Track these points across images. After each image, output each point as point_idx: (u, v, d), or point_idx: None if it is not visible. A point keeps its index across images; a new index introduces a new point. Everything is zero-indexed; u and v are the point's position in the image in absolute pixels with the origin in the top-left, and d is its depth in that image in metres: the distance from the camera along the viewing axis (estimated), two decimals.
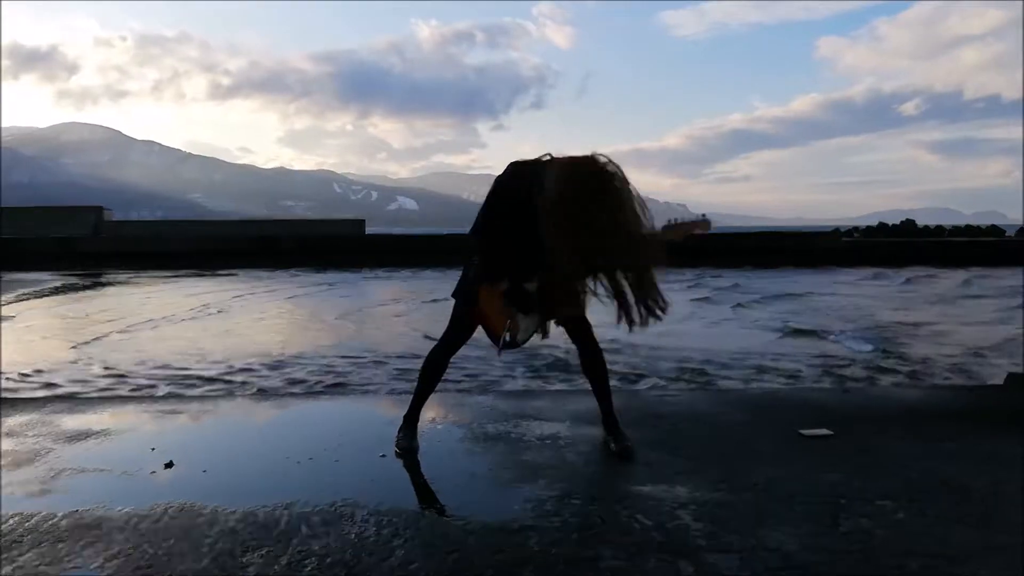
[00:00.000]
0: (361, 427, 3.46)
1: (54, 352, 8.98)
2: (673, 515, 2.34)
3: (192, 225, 41.90)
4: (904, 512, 2.37)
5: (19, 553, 2.10)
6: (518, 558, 2.05)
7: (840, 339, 10.14)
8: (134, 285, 20.13)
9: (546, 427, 3.38)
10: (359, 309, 14.41)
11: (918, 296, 17.31)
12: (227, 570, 2.00)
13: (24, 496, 2.56)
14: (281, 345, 9.56)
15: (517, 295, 2.79)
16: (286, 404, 4.13)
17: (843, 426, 3.32)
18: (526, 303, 2.80)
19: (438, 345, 3.03)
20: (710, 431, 3.33)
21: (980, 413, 3.62)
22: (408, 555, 2.08)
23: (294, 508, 2.42)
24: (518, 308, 2.81)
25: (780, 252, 29.20)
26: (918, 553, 2.07)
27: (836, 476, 2.69)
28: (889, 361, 8.60)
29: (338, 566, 2.02)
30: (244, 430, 3.56)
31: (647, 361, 8.37)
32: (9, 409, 3.83)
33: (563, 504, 2.45)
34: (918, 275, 23.23)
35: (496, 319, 2.83)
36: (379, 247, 31.83)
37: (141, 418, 3.67)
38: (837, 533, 2.21)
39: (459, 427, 3.43)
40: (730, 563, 2.01)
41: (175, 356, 8.63)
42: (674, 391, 4.78)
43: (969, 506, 2.42)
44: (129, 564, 2.03)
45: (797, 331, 10.99)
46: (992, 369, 7.96)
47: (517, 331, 2.82)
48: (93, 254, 29.43)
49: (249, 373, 7.70)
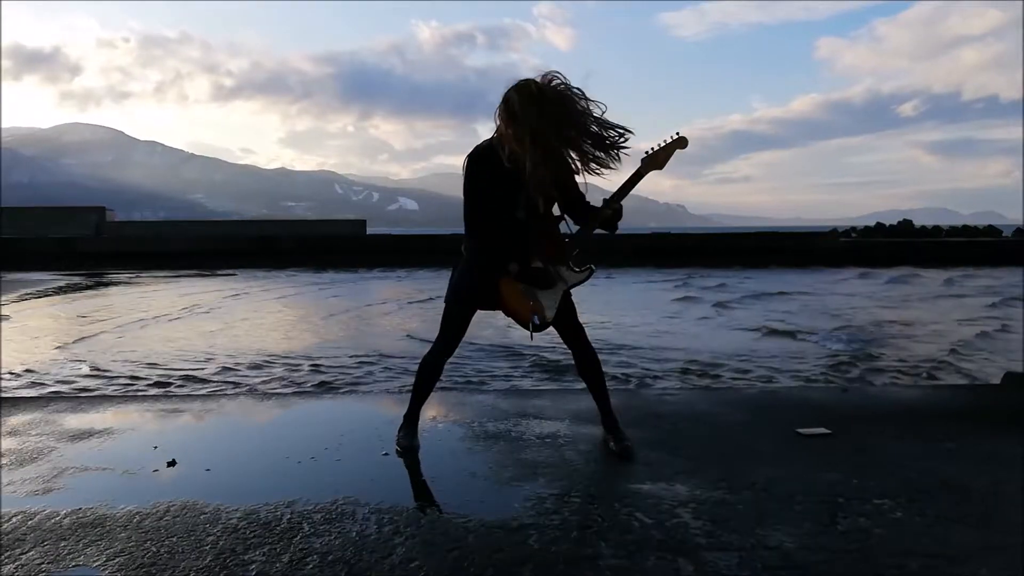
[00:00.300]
0: (362, 426, 3.47)
1: (40, 351, 9.04)
2: (672, 514, 2.36)
3: (193, 225, 41.94)
4: (903, 511, 2.38)
5: (22, 551, 2.11)
6: (518, 556, 2.07)
7: (819, 339, 10.22)
8: (134, 285, 20.17)
9: (546, 426, 3.40)
10: (346, 309, 14.41)
11: (898, 295, 17.47)
12: (229, 568, 2.01)
13: (27, 494, 2.57)
14: (260, 344, 9.60)
15: (531, 273, 2.83)
16: (288, 403, 4.14)
17: (842, 425, 3.33)
18: (542, 278, 2.84)
19: (433, 347, 3.03)
20: (709, 430, 3.34)
21: (978, 412, 3.63)
22: (409, 553, 2.09)
23: (296, 506, 2.43)
24: (537, 285, 2.84)
25: (778, 252, 29.24)
26: (917, 552, 2.08)
27: (835, 475, 2.70)
28: (852, 358, 8.70)
29: (339, 564, 2.03)
30: (246, 429, 3.57)
31: (629, 359, 8.45)
32: (12, 408, 3.84)
33: (563, 502, 2.46)
34: (904, 274, 23.39)
35: (521, 305, 2.84)
36: (380, 247, 31.91)
37: (144, 417, 3.68)
38: (836, 532, 2.22)
39: (459, 426, 3.44)
40: (729, 562, 2.02)
41: (158, 355, 8.66)
42: (673, 391, 4.79)
43: (968, 506, 2.43)
44: (131, 562, 2.04)
45: (773, 331, 11.12)
46: (950, 368, 8.02)
47: (543, 311, 2.85)
48: (95, 254, 29.50)
49: (229, 372, 7.74)
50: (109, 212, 39.19)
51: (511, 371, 7.88)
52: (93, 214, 37.07)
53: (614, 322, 11.88)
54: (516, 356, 8.61)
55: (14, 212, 39.30)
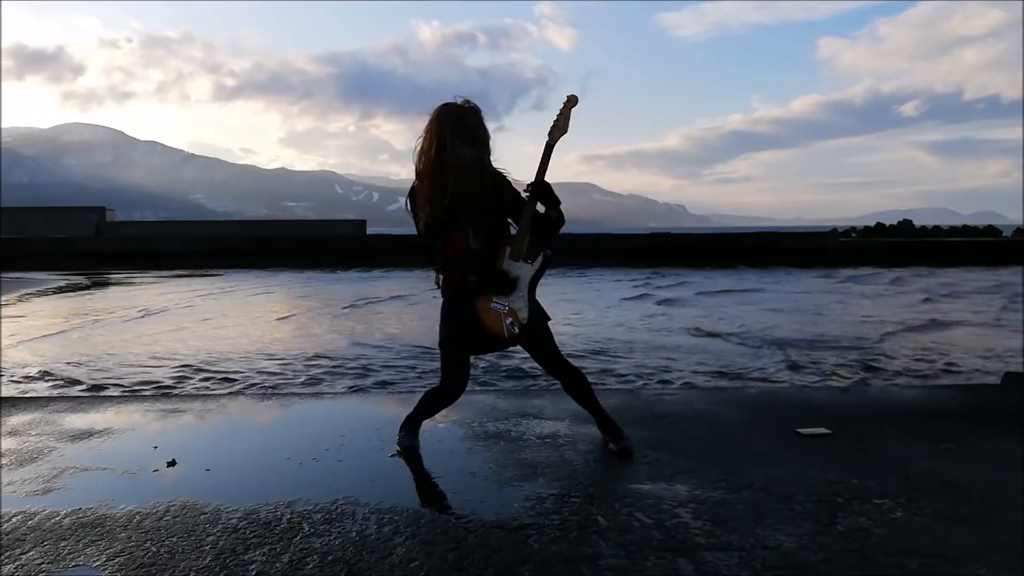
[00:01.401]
0: (362, 426, 3.47)
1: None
2: (672, 514, 2.36)
3: (193, 226, 41.99)
4: (902, 511, 2.38)
5: (22, 551, 2.11)
6: (518, 556, 2.07)
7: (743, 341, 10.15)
8: (125, 285, 20.17)
9: (546, 426, 3.40)
10: (309, 310, 14.19)
11: (854, 293, 17.61)
12: (229, 568, 2.01)
13: (27, 494, 2.57)
14: (205, 344, 9.55)
15: (492, 279, 2.82)
16: (288, 403, 4.14)
17: (842, 425, 3.34)
18: (503, 281, 2.83)
19: (440, 385, 3.01)
20: (709, 430, 3.34)
21: (977, 412, 3.63)
22: (409, 553, 2.10)
23: (296, 506, 2.43)
24: (501, 291, 2.83)
25: (777, 252, 29.29)
26: (916, 552, 2.08)
27: (835, 475, 2.70)
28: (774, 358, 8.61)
29: (339, 564, 2.03)
30: (246, 429, 3.57)
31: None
32: (12, 408, 3.85)
33: (563, 502, 2.47)
34: (861, 274, 23.63)
35: (496, 320, 2.83)
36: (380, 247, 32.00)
37: (143, 417, 3.68)
38: (836, 532, 2.22)
39: (459, 426, 3.44)
40: (729, 561, 2.02)
41: (101, 355, 8.61)
42: (673, 390, 4.79)
43: (967, 505, 2.43)
44: (131, 562, 2.04)
45: (699, 329, 11.13)
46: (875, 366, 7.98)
47: (516, 314, 2.85)
48: (95, 254, 29.59)
49: (171, 369, 7.70)
50: (109, 212, 39.24)
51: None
52: (93, 214, 37.12)
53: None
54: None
55: (15, 212, 39.35)
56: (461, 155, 2.74)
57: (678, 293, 17.27)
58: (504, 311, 2.83)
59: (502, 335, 2.83)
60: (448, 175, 2.74)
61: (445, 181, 2.75)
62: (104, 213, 37.79)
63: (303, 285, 20.42)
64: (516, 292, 2.85)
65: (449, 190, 2.75)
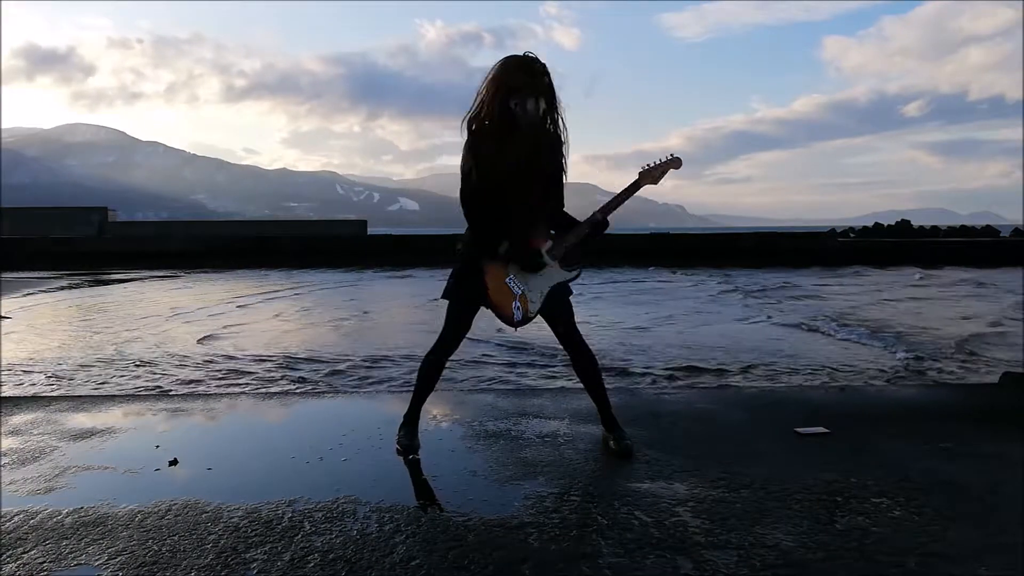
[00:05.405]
0: (363, 425, 3.48)
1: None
2: (672, 512, 2.37)
3: (194, 226, 42.04)
4: (901, 510, 2.39)
5: (24, 550, 2.12)
6: (518, 554, 2.08)
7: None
8: (117, 284, 20.23)
9: (546, 425, 3.41)
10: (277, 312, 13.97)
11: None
12: (231, 566, 2.02)
13: (28, 494, 2.58)
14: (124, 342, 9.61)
15: (526, 251, 2.81)
16: (289, 403, 4.15)
17: (841, 425, 3.34)
18: (536, 261, 2.83)
19: (435, 345, 3.03)
20: (709, 429, 3.35)
21: (976, 412, 3.64)
22: (409, 551, 2.11)
23: (297, 505, 2.44)
24: (528, 268, 2.83)
25: (775, 253, 29.30)
26: (915, 551, 2.09)
27: (833, 474, 2.71)
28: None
29: (340, 562, 2.04)
30: (248, 428, 3.58)
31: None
32: (14, 407, 3.86)
33: (562, 501, 2.47)
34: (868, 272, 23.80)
35: (505, 298, 2.83)
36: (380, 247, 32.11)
37: (145, 416, 3.69)
38: (834, 530, 2.23)
39: (460, 425, 3.45)
40: (728, 560, 2.03)
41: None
42: (672, 389, 4.80)
43: (966, 505, 2.44)
44: (133, 561, 2.05)
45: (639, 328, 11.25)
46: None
47: (527, 303, 2.85)
48: (97, 254, 29.68)
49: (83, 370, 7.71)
50: (111, 212, 39.29)
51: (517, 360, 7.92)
52: (96, 214, 37.17)
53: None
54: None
55: (17, 213, 39.39)
56: (525, 110, 2.68)
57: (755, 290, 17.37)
58: (517, 294, 2.84)
59: (505, 311, 2.83)
60: (507, 131, 2.68)
61: (503, 138, 2.69)
62: (106, 213, 37.85)
63: (351, 285, 20.40)
64: (535, 281, 2.86)
65: (509, 148, 2.68)
